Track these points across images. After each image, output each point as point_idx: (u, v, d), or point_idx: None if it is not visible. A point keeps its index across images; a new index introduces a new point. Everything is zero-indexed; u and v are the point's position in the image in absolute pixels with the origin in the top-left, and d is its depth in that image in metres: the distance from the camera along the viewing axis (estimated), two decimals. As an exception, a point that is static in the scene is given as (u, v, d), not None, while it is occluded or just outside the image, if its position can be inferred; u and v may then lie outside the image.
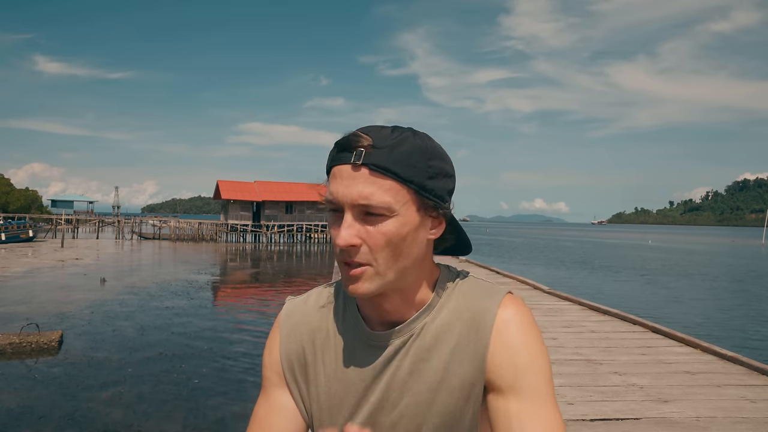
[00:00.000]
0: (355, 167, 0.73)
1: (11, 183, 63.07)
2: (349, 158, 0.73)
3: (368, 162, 0.72)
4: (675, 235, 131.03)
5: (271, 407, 0.86)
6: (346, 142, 0.74)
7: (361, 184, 0.72)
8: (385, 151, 0.72)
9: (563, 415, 3.61)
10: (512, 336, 0.76)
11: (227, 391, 7.61)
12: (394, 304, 0.80)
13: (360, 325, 0.84)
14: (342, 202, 0.73)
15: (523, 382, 0.73)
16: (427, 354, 0.79)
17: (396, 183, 0.73)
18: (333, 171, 0.75)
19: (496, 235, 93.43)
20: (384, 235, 0.73)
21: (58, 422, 6.33)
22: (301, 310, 0.90)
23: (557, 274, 26.50)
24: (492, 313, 0.78)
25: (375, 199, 0.72)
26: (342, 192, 0.73)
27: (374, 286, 0.75)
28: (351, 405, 0.82)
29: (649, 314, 12.35)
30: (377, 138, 0.73)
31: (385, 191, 0.72)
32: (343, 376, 0.83)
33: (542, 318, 7.26)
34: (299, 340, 0.87)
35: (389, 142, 0.73)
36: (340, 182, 0.74)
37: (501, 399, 0.74)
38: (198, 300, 15.65)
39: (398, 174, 0.72)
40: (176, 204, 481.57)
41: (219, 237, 48.87)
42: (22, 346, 9.22)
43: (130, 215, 75.24)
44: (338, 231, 0.74)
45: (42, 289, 16.44)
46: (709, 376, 4.58)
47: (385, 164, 0.72)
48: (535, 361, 0.75)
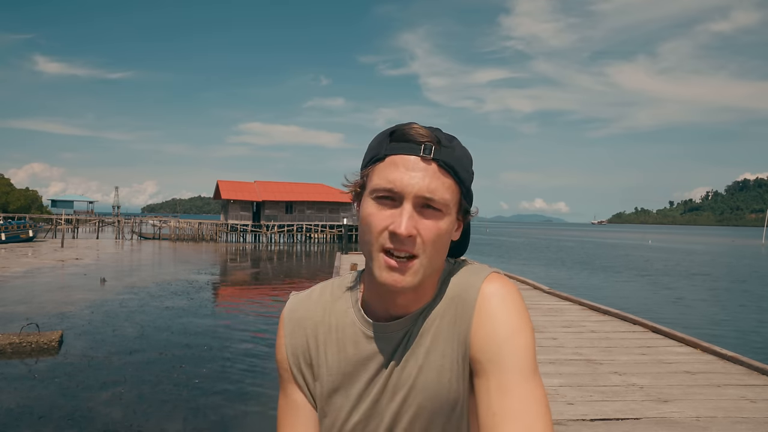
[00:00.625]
0: (424, 160, 0.75)
1: (11, 183, 63.09)
2: (418, 150, 0.75)
3: (438, 157, 0.75)
4: (675, 235, 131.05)
5: (287, 404, 0.90)
6: (412, 133, 0.76)
7: (429, 177, 0.74)
8: (450, 151, 0.76)
9: (563, 415, 3.61)
10: (494, 310, 0.77)
11: (227, 391, 7.61)
12: (407, 298, 0.81)
13: (362, 318, 0.85)
14: (404, 192, 0.74)
15: (504, 356, 0.73)
16: (420, 340, 0.81)
17: (454, 183, 0.76)
18: (393, 159, 0.76)
19: (496, 235, 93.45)
20: (438, 230, 0.75)
21: (58, 422, 6.33)
22: (304, 305, 0.91)
23: (557, 274, 26.50)
24: (476, 288, 0.79)
25: (439, 195, 0.75)
26: (407, 181, 0.74)
27: (417, 279, 0.76)
28: (354, 397, 0.84)
29: (649, 314, 12.35)
30: (442, 136, 0.76)
31: (446, 189, 0.75)
32: (345, 369, 0.85)
33: (542, 318, 7.26)
34: (303, 335, 0.89)
35: (449, 143, 0.76)
36: (404, 172, 0.75)
37: (483, 378, 0.74)
38: (198, 300, 15.65)
39: (458, 175, 0.76)
40: (176, 204, 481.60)
41: (219, 237, 48.87)
42: (22, 346, 9.21)
43: (130, 215, 75.25)
44: (390, 219, 0.75)
45: (42, 289, 16.44)
46: (709, 376, 4.58)
47: (452, 163, 0.75)
48: (515, 335, 0.75)
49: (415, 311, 0.82)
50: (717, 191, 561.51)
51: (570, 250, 49.18)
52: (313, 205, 51.85)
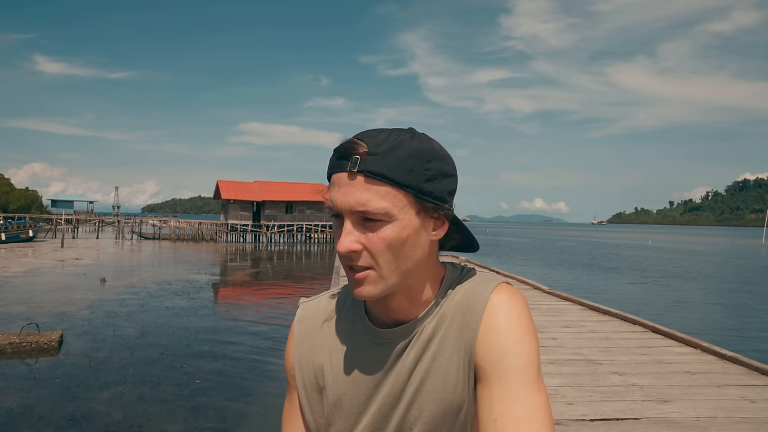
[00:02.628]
0: (351, 175, 0.74)
1: (11, 183, 63.08)
2: (346, 166, 0.75)
3: (363, 169, 0.73)
4: (675, 235, 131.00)
5: (293, 411, 0.93)
6: (342, 149, 0.76)
7: (357, 191, 0.73)
8: (379, 158, 0.73)
9: (563, 415, 3.61)
10: (501, 319, 0.77)
11: (228, 391, 7.61)
12: (400, 302, 0.82)
13: (367, 325, 0.86)
14: (341, 209, 0.75)
15: (507, 364, 0.74)
16: (427, 346, 0.81)
17: (392, 188, 0.74)
18: (332, 179, 0.78)
19: (496, 235, 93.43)
20: (384, 240, 0.75)
21: (58, 422, 6.33)
22: (312, 314, 0.93)
23: (557, 274, 26.50)
24: (485, 298, 0.79)
25: (372, 206, 0.73)
26: (340, 200, 0.75)
27: (378, 289, 0.77)
28: (360, 403, 0.84)
29: (649, 314, 12.35)
30: (372, 144, 0.74)
31: (381, 197, 0.73)
32: (351, 376, 0.85)
33: (542, 318, 7.26)
34: (311, 345, 0.90)
35: (384, 147, 0.74)
36: (338, 190, 0.76)
37: (486, 385, 0.75)
38: (198, 300, 15.65)
39: (394, 179, 0.74)
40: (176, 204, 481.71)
41: (219, 237, 48.87)
42: (22, 346, 9.22)
43: (130, 215, 75.24)
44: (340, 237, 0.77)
45: (42, 289, 16.45)
46: (709, 376, 4.58)
47: (380, 170, 0.73)
48: (520, 344, 0.75)
49: (418, 316, 0.83)
50: (717, 191, 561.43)
51: (570, 250, 49.17)
52: (313, 205, 51.84)
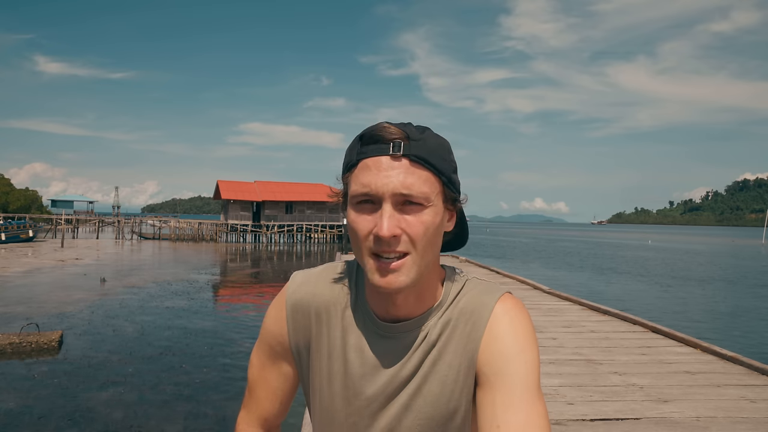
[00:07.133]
0: (395, 158, 0.74)
1: (11, 183, 63.05)
2: (387, 149, 0.74)
3: (408, 153, 0.74)
4: (675, 235, 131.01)
5: (262, 364, 0.93)
6: (380, 133, 0.75)
7: (402, 174, 0.74)
8: (420, 143, 0.75)
9: (563, 415, 3.61)
10: (504, 328, 0.78)
11: (228, 391, 7.61)
12: (406, 297, 0.81)
13: (369, 314, 0.85)
14: (381, 193, 0.74)
15: (511, 371, 0.75)
16: (429, 348, 0.82)
17: (431, 174, 0.76)
18: (366, 163, 0.76)
19: (496, 235, 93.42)
20: (423, 224, 0.75)
21: (58, 422, 6.33)
22: (309, 287, 0.89)
23: (557, 274, 26.49)
24: (489, 308, 0.80)
25: (416, 189, 0.74)
26: (381, 182, 0.74)
27: (411, 277, 0.76)
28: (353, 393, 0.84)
29: (649, 314, 12.35)
30: (410, 131, 0.76)
31: (423, 181, 0.75)
32: (348, 358, 0.84)
33: (542, 318, 7.26)
34: (306, 314, 0.88)
35: (420, 135, 0.76)
36: (377, 173, 0.74)
37: (487, 391, 0.75)
38: (198, 300, 15.64)
39: (435, 165, 0.76)
40: (176, 204, 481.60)
41: (219, 237, 48.84)
42: (22, 346, 9.21)
43: (130, 215, 75.21)
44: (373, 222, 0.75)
45: (42, 289, 16.44)
46: (709, 376, 4.58)
47: (424, 155, 0.75)
48: (523, 352, 0.76)
49: (419, 316, 0.82)
50: (717, 191, 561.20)
51: (570, 250, 49.16)
52: (313, 205, 51.82)
